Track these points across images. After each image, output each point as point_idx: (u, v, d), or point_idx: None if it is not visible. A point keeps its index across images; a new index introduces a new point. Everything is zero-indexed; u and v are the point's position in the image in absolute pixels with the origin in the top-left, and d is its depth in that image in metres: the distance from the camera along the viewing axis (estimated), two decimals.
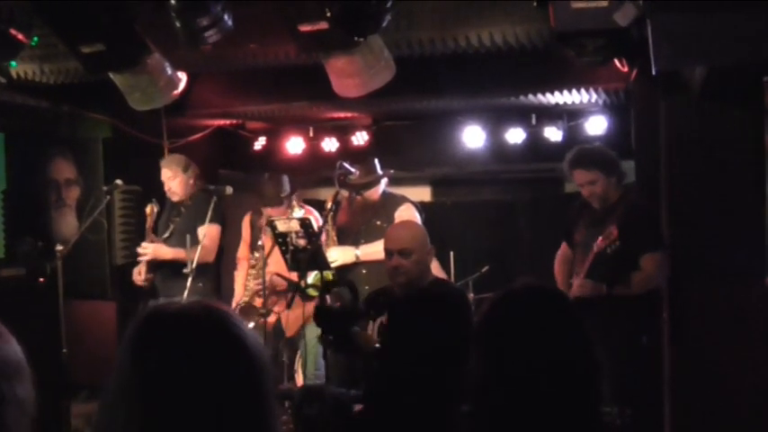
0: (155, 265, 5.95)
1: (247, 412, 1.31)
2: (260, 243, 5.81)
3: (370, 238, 5.50)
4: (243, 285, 6.03)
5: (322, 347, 5.60)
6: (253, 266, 5.95)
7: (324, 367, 5.37)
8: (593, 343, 1.92)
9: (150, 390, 1.28)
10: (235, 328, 1.34)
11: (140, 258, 5.92)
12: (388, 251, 3.97)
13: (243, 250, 6.17)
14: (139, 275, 5.96)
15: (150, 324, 1.35)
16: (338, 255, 5.53)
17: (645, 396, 4.77)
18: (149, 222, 5.94)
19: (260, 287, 5.73)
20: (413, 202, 5.83)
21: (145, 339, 1.33)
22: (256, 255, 5.90)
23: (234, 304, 5.99)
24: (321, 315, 4.05)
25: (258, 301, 5.77)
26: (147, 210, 5.96)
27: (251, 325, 5.53)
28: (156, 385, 1.28)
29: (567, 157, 5.06)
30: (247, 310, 5.77)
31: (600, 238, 4.79)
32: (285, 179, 6.03)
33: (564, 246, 5.28)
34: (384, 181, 5.80)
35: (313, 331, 5.61)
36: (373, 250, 5.27)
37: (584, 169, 4.94)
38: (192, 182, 6.00)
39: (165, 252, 5.84)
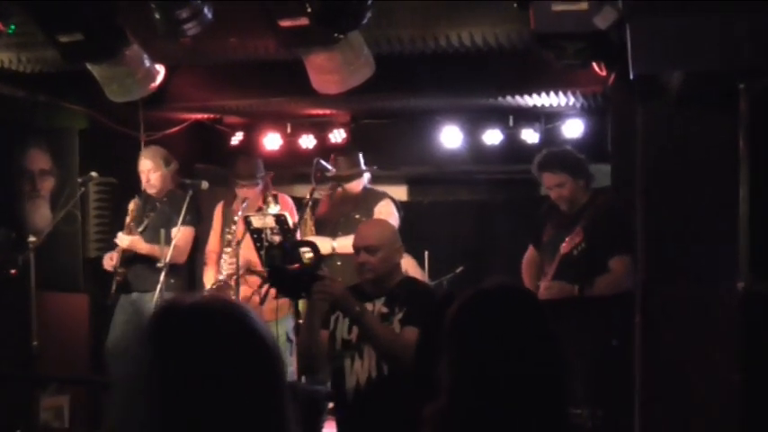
0: (128, 260, 5.92)
1: (265, 403, 1.33)
2: (233, 226, 5.78)
3: (348, 231, 5.51)
4: (214, 279, 5.97)
5: (292, 344, 5.62)
6: (228, 244, 5.89)
7: (294, 364, 5.37)
8: (563, 343, 1.93)
9: (171, 382, 1.29)
10: (250, 320, 1.37)
11: (120, 242, 5.87)
12: (355, 247, 3.99)
13: (213, 242, 6.11)
14: (111, 261, 5.91)
15: (169, 317, 1.37)
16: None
17: (616, 398, 4.81)
18: (130, 218, 5.89)
19: (233, 269, 5.69)
20: (392, 199, 5.86)
21: (165, 333, 1.35)
22: (228, 237, 5.88)
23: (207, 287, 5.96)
24: (276, 276, 4.03)
25: (234, 282, 5.74)
26: (131, 205, 5.91)
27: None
28: (177, 378, 1.29)
29: (536, 160, 5.13)
30: (221, 289, 5.73)
31: (566, 239, 4.84)
32: (259, 161, 6.03)
33: (531, 249, 5.33)
34: (367, 176, 5.83)
35: (283, 328, 5.59)
36: (349, 243, 5.27)
37: (551, 172, 5.02)
38: (171, 177, 5.98)
39: (142, 246, 5.80)
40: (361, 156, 5.86)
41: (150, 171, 5.90)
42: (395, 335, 3.78)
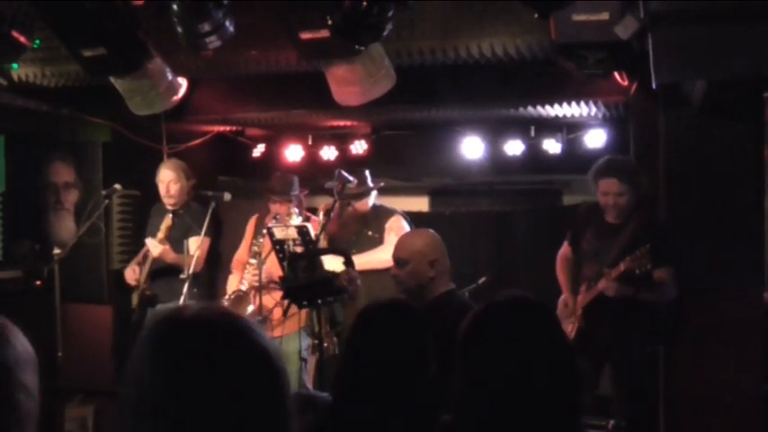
0: (152, 274, 5.97)
1: (269, 417, 1.31)
2: (261, 239, 5.81)
3: (361, 249, 5.52)
4: (236, 287, 6.01)
5: (305, 363, 5.63)
6: (254, 256, 5.92)
7: (306, 383, 5.38)
8: (575, 355, 1.92)
9: (172, 395, 1.27)
10: (252, 332, 1.34)
11: (152, 250, 5.92)
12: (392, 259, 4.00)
13: (242, 253, 6.14)
14: (134, 273, 5.97)
15: (170, 330, 1.34)
16: (329, 265, 5.53)
17: (641, 408, 4.78)
18: (164, 234, 5.93)
19: (256, 281, 5.72)
20: (402, 215, 5.89)
21: (167, 345, 1.32)
22: (255, 249, 5.92)
23: (226, 296, 6.00)
24: (289, 292, 4.05)
25: (254, 294, 5.76)
26: (168, 222, 5.96)
27: (249, 310, 5.56)
28: (177, 390, 1.27)
29: (601, 163, 4.99)
30: (240, 299, 5.76)
31: (628, 258, 4.74)
32: (295, 179, 6.08)
33: (566, 247, 5.29)
34: (374, 193, 5.84)
35: (295, 345, 5.56)
36: (363, 260, 5.26)
37: (618, 179, 4.90)
38: (188, 191, 6.03)
39: (171, 256, 5.85)
40: (368, 173, 5.87)
41: (171, 182, 5.95)
42: None
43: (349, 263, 4.17)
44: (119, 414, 1.33)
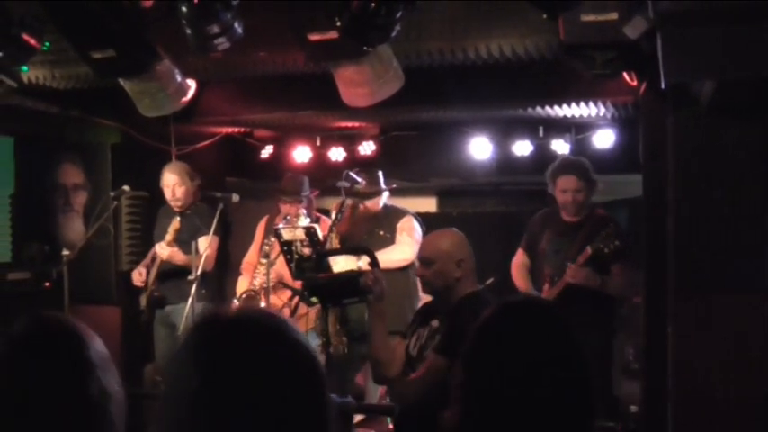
0: (161, 275, 5.98)
1: (312, 415, 1.30)
2: (272, 238, 5.82)
3: (372, 248, 5.51)
4: (249, 283, 6.04)
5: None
6: (265, 255, 5.95)
7: None
8: (586, 358, 1.92)
9: (221, 397, 1.25)
10: (294, 333, 1.33)
11: (161, 253, 5.94)
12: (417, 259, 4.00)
13: (252, 254, 6.16)
14: (140, 276, 6.00)
15: (211, 330, 1.32)
16: (342, 264, 5.54)
17: (649, 411, 4.78)
18: (172, 236, 5.93)
19: (264, 281, 5.74)
20: (414, 215, 5.89)
21: (208, 346, 1.30)
22: (266, 249, 5.94)
23: (237, 294, 6.02)
24: (309, 286, 4.01)
25: (264, 294, 5.79)
26: (176, 225, 5.97)
27: None
28: (226, 392, 1.25)
29: (558, 162, 5.34)
30: (251, 299, 5.78)
31: (586, 251, 4.95)
32: (306, 180, 6.09)
33: (521, 253, 5.46)
34: (386, 194, 5.85)
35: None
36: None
37: (576, 176, 5.24)
38: (194, 191, 6.05)
39: (180, 258, 5.87)
40: (380, 174, 5.88)
41: (176, 185, 5.98)
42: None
43: (374, 263, 4.11)
44: (156, 417, 1.32)
